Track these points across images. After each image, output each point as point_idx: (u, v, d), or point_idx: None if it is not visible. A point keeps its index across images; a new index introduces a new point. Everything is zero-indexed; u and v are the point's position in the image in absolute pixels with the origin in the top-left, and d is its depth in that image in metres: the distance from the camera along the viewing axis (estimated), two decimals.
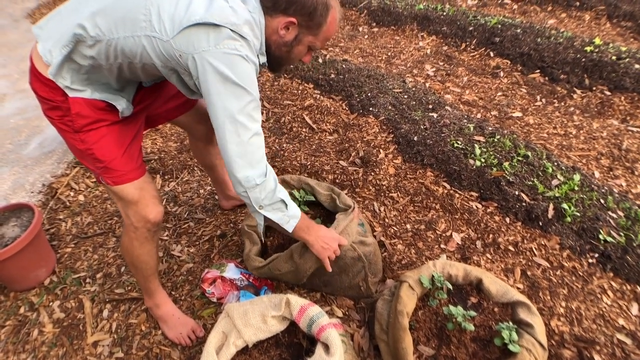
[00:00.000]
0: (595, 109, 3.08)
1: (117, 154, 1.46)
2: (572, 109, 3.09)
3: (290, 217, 1.46)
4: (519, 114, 3.03)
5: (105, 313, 1.92)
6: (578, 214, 2.07)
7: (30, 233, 1.96)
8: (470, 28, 4.01)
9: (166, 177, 2.72)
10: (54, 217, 2.48)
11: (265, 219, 1.44)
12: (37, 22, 6.27)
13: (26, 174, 2.92)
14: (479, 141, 2.50)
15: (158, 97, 1.64)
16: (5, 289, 2.07)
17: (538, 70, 3.52)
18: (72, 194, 2.67)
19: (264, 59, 1.39)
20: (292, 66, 1.10)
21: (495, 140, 2.49)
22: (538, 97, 3.24)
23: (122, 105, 1.45)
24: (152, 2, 1.21)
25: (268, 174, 1.36)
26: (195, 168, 2.76)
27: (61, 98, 1.35)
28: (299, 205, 1.90)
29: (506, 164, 2.32)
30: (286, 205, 1.43)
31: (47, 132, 3.42)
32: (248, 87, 1.24)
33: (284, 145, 2.81)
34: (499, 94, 3.29)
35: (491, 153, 2.40)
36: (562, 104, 3.17)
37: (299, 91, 3.33)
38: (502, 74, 3.53)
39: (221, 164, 2.20)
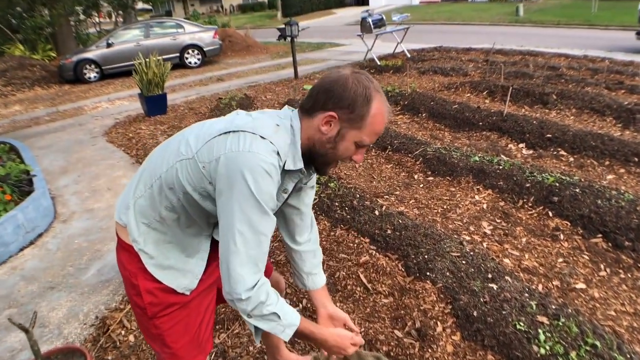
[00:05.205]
0: None
1: (186, 341, 1.52)
2: None
3: (285, 326, 1.36)
4: (583, 286, 2.92)
5: None
6: None
7: None
8: (527, 185, 4.05)
9: (217, 327, 2.75)
10: (102, 357, 2.53)
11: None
12: (112, 139, 6.86)
13: (82, 303, 3.04)
14: (542, 323, 2.40)
15: None
16: None
17: (600, 235, 3.43)
18: (123, 332, 2.74)
19: (300, 165, 1.36)
20: (338, 166, 1.06)
21: (560, 323, 2.38)
22: (602, 266, 3.13)
23: (185, 283, 1.49)
24: (185, 135, 1.38)
25: (256, 287, 1.29)
26: None
27: (136, 267, 1.43)
28: None
29: (573, 353, 2.20)
30: (279, 316, 1.35)
31: (106, 259, 3.60)
32: (260, 199, 1.22)
33: (337, 304, 2.81)
34: (560, 260, 3.21)
35: (556, 340, 2.28)
36: (629, 275, 3.03)
37: (355, 245, 3.41)
38: (562, 236, 3.47)
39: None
